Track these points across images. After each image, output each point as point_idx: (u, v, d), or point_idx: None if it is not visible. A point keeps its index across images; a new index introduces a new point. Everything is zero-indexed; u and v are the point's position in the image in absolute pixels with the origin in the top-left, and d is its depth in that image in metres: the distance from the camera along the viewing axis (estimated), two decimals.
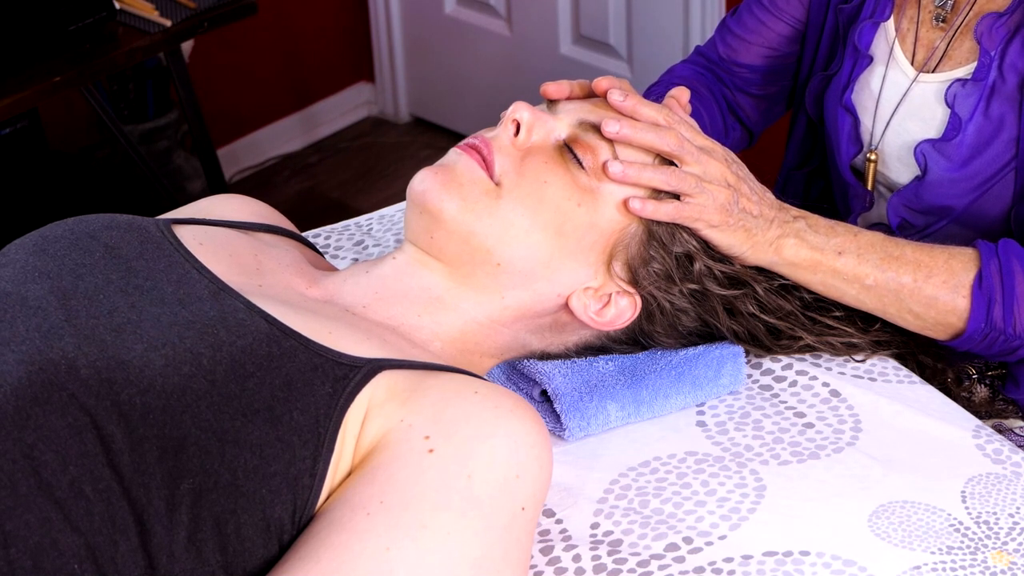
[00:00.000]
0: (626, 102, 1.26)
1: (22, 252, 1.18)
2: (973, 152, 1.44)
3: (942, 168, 1.46)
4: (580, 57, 3.35)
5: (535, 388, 1.29)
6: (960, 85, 1.44)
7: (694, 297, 1.28)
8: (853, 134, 1.54)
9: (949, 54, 1.47)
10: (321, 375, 1.08)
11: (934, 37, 1.48)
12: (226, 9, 2.68)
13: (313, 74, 3.76)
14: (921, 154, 1.47)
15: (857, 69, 1.53)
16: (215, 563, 1.01)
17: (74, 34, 2.49)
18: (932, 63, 1.48)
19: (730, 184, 1.27)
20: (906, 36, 1.50)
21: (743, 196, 1.28)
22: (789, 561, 1.13)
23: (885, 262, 1.30)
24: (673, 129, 1.26)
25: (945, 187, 1.46)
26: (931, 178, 1.47)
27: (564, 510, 1.19)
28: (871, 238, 1.32)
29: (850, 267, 1.31)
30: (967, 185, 1.45)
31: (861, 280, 1.31)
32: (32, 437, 1.00)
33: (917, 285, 1.30)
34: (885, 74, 1.51)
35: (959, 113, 1.43)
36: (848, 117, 1.54)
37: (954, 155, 1.44)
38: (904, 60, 1.50)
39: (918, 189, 1.48)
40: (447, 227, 1.21)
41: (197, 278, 1.16)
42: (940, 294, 1.30)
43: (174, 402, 1.03)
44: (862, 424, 1.29)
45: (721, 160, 1.28)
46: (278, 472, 1.03)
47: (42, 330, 1.07)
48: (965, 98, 1.43)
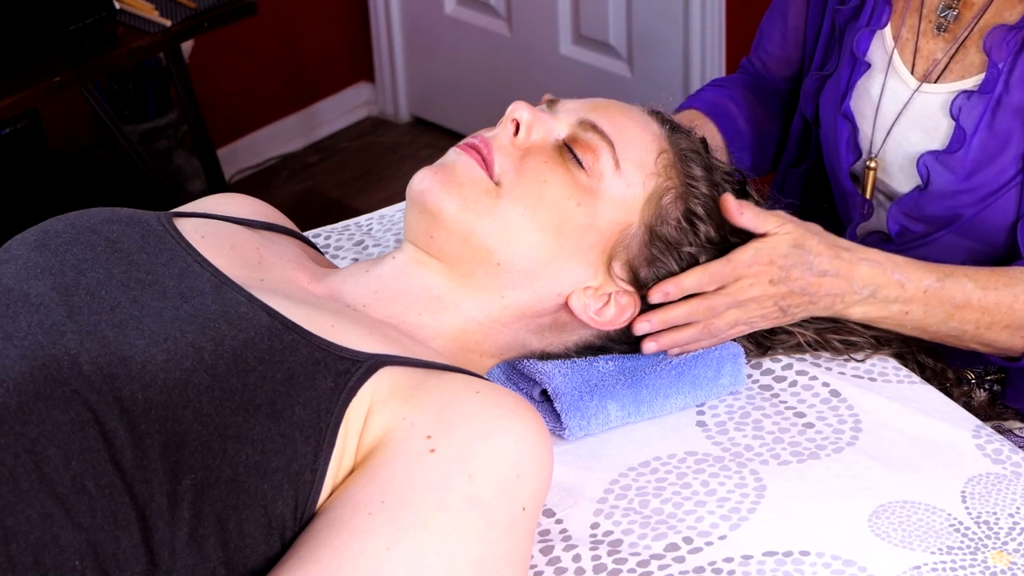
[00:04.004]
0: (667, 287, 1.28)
1: (24, 248, 1.18)
2: (977, 165, 1.43)
3: (945, 180, 1.45)
4: (580, 57, 3.35)
5: (535, 388, 1.29)
6: (966, 97, 1.43)
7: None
8: (852, 142, 1.54)
9: (951, 66, 1.46)
10: (323, 369, 1.07)
11: (935, 48, 1.48)
12: (226, 9, 2.68)
13: (313, 74, 3.76)
14: (924, 165, 1.46)
15: (855, 76, 1.52)
16: (216, 559, 1.01)
17: (74, 34, 2.48)
18: (934, 74, 1.47)
19: (776, 300, 1.29)
20: (905, 45, 1.49)
21: (793, 297, 1.30)
22: (789, 561, 1.13)
23: (950, 315, 1.34)
24: (702, 303, 1.28)
25: (948, 199, 1.45)
26: (933, 189, 1.46)
27: (564, 510, 1.19)
28: (939, 294, 1.33)
29: (915, 322, 1.34)
30: (970, 197, 1.44)
31: (924, 331, 1.35)
32: (34, 433, 1.00)
33: (979, 332, 1.35)
34: (884, 82, 1.50)
35: (964, 125, 1.43)
36: (847, 125, 1.53)
37: (958, 167, 1.44)
38: (904, 69, 1.49)
39: (919, 199, 1.48)
40: (447, 227, 1.21)
41: (199, 271, 1.16)
42: (1000, 338, 1.35)
43: (176, 397, 1.03)
44: (862, 424, 1.29)
45: (761, 282, 1.29)
46: (280, 468, 1.03)
47: (44, 326, 1.08)
48: (971, 110, 1.42)
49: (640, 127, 1.28)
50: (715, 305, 1.28)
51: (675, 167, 1.28)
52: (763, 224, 1.29)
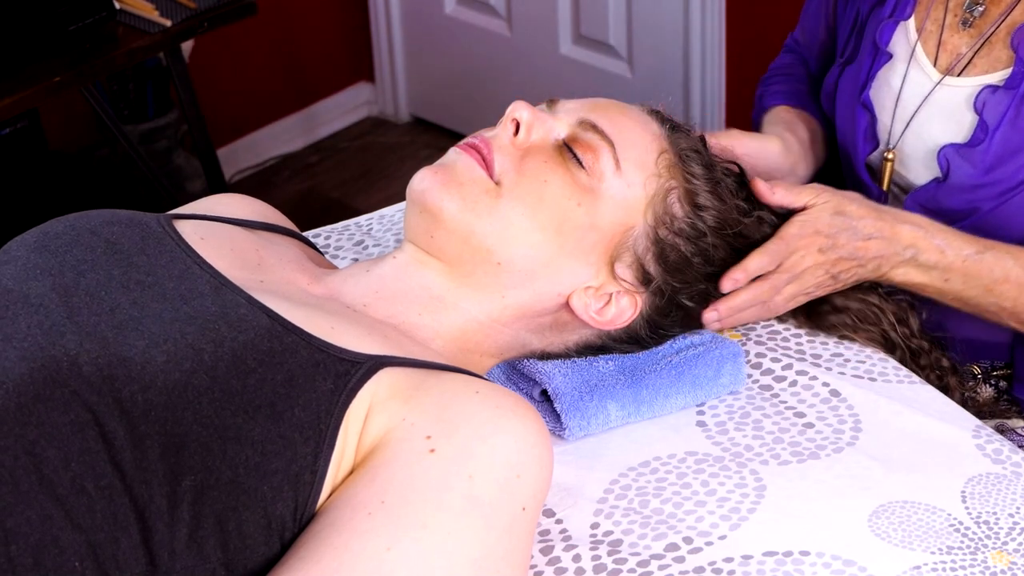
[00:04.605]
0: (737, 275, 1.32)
1: (23, 249, 1.18)
2: (998, 160, 1.43)
3: (965, 173, 1.45)
4: (580, 57, 3.35)
5: (535, 388, 1.29)
6: (990, 92, 1.43)
7: (711, 280, 1.30)
8: (869, 131, 1.54)
9: (975, 61, 1.47)
10: (323, 371, 1.07)
11: (959, 42, 1.48)
12: (226, 9, 2.68)
13: (313, 74, 3.76)
14: (944, 158, 1.46)
15: (876, 66, 1.52)
16: (216, 560, 1.01)
17: (74, 34, 2.48)
18: (957, 68, 1.47)
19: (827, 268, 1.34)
20: (929, 38, 1.50)
21: (842, 263, 1.34)
22: (789, 561, 1.13)
23: (989, 289, 1.36)
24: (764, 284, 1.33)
25: (967, 192, 1.46)
26: (953, 182, 1.47)
27: (564, 510, 1.19)
28: (978, 265, 1.36)
29: (955, 292, 1.37)
30: (989, 192, 1.44)
31: (965, 302, 1.38)
32: (34, 434, 1.00)
33: (1017, 309, 1.37)
34: (906, 73, 1.51)
35: (987, 120, 1.43)
36: (865, 114, 1.54)
37: (979, 161, 1.44)
38: (927, 61, 1.49)
39: (936, 191, 1.48)
40: (447, 226, 1.21)
41: (199, 273, 1.16)
42: None
43: (175, 398, 1.03)
44: (862, 424, 1.29)
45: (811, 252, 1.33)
46: (279, 469, 1.03)
47: (44, 327, 1.08)
48: (995, 105, 1.43)
49: (640, 127, 1.28)
50: (776, 284, 1.34)
51: (676, 167, 1.28)
52: (798, 198, 1.34)
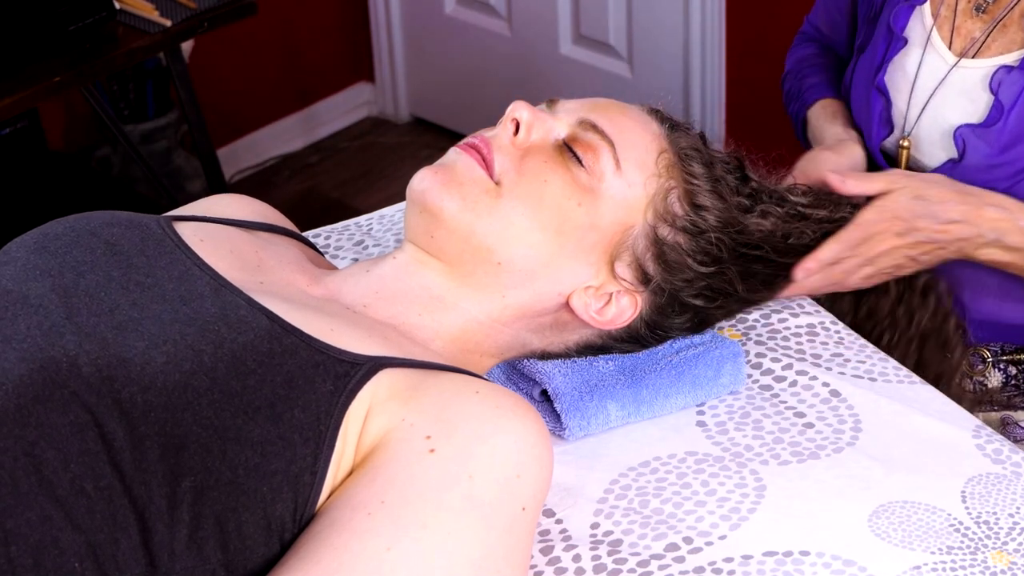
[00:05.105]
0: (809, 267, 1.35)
1: (23, 250, 1.18)
2: (1013, 139, 1.44)
3: (981, 153, 1.46)
4: (580, 57, 3.35)
5: (535, 388, 1.29)
6: (1006, 71, 1.45)
7: (711, 278, 1.29)
8: (884, 116, 1.55)
9: (989, 43, 1.48)
10: (322, 372, 1.07)
11: (973, 27, 1.49)
12: (226, 9, 2.68)
13: (313, 74, 3.76)
14: (960, 138, 1.48)
15: (892, 51, 1.53)
16: (216, 561, 1.01)
17: (74, 34, 2.48)
18: (971, 52, 1.48)
19: (905, 251, 1.38)
20: (944, 23, 1.51)
21: (922, 246, 1.38)
22: (789, 561, 1.13)
23: None
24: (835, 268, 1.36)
25: (982, 172, 1.46)
26: (968, 162, 1.48)
27: (564, 510, 1.19)
28: None
29: None
30: (1005, 171, 1.45)
31: None
32: (33, 435, 1.00)
33: None
34: (922, 58, 1.51)
35: (1002, 100, 1.44)
36: (880, 99, 1.54)
37: (994, 141, 1.45)
38: (942, 45, 1.50)
39: (952, 172, 1.48)
40: (447, 226, 1.21)
41: (198, 275, 1.16)
42: None
43: (175, 399, 1.03)
44: (862, 424, 1.29)
45: (888, 237, 1.37)
46: (279, 470, 1.03)
47: (43, 328, 1.08)
48: (1010, 85, 1.44)
49: (640, 127, 1.28)
50: (848, 268, 1.36)
51: (676, 167, 1.28)
52: (871, 187, 1.37)
